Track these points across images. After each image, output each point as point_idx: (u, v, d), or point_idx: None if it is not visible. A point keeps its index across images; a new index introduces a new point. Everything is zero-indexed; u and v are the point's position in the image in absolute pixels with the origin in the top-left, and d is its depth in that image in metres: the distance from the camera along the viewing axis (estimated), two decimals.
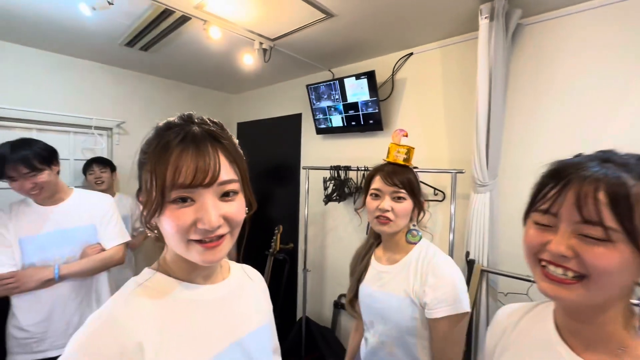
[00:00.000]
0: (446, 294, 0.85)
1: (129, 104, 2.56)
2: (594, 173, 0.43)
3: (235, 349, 0.55)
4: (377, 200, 0.94)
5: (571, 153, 1.59)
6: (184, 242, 0.48)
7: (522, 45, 1.53)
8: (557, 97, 1.44)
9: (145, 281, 0.52)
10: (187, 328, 0.50)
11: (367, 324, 1.01)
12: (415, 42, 1.88)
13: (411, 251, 0.95)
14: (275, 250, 2.33)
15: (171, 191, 0.46)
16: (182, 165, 0.46)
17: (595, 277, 0.42)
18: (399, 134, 1.01)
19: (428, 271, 0.89)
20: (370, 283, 1.00)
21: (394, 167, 0.96)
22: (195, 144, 0.47)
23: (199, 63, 2.34)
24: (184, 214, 0.47)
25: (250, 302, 0.63)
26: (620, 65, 1.29)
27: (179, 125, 0.50)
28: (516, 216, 1.55)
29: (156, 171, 0.46)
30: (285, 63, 2.26)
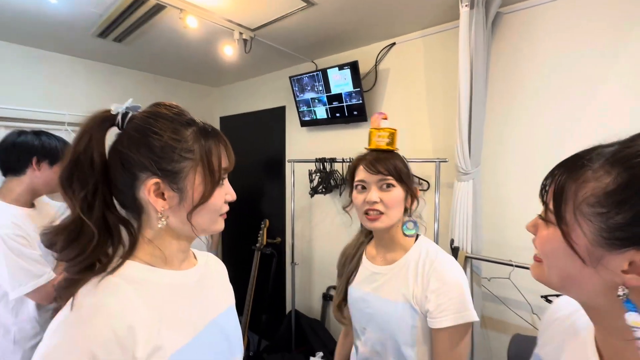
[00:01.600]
0: (451, 300, 0.75)
1: (104, 98, 2.45)
2: (566, 160, 0.45)
3: (213, 327, 0.60)
4: (363, 193, 0.85)
5: (549, 141, 1.63)
6: (216, 216, 0.58)
7: (501, 34, 1.55)
8: (536, 85, 1.47)
9: (121, 270, 0.51)
10: (170, 310, 0.53)
11: (358, 330, 0.92)
12: (398, 31, 1.87)
13: (410, 250, 0.86)
14: (262, 244, 2.31)
15: (224, 174, 0.58)
16: (225, 154, 0.58)
17: (543, 258, 0.46)
18: (378, 117, 0.92)
19: (431, 274, 0.79)
20: (362, 285, 0.91)
21: (377, 153, 0.87)
22: (220, 137, 0.58)
23: (177, 55, 2.26)
24: (220, 194, 0.58)
25: (217, 285, 0.70)
26: (594, 53, 1.33)
27: (187, 117, 0.57)
28: (498, 203, 1.59)
29: (211, 160, 0.55)
30: (267, 54, 2.21)
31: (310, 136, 2.45)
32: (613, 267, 0.38)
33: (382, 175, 0.82)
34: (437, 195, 1.64)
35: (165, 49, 2.14)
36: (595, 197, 0.38)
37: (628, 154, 0.37)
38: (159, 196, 0.52)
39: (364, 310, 0.89)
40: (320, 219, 2.41)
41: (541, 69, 1.45)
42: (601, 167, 0.38)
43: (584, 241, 0.39)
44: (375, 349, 0.86)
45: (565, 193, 0.41)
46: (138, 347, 0.46)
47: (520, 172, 1.53)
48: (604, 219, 0.37)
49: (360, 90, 1.95)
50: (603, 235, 0.38)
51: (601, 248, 0.38)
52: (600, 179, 0.38)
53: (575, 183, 0.40)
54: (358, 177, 0.87)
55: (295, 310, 2.34)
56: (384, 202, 0.82)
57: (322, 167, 2.09)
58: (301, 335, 2.29)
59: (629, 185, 0.36)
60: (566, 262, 0.42)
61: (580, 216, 0.39)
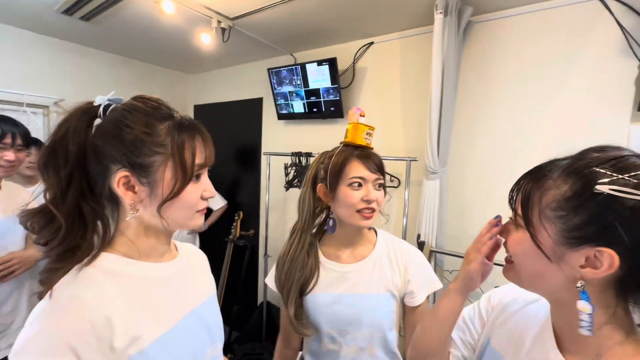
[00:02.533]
0: (424, 276, 0.87)
1: (68, 79, 2.31)
2: (532, 170, 0.51)
3: (193, 316, 0.61)
4: (359, 189, 0.81)
5: (510, 145, 1.74)
6: (192, 213, 0.57)
7: (472, 42, 1.64)
8: (502, 92, 1.58)
9: (99, 263, 0.52)
10: (149, 302, 0.54)
11: (334, 335, 0.87)
12: (376, 31, 1.91)
13: (377, 243, 0.90)
14: (235, 236, 2.31)
15: (194, 172, 0.55)
16: (202, 148, 0.57)
17: (512, 258, 0.51)
18: (356, 112, 0.87)
19: (407, 261, 0.87)
20: (331, 288, 0.86)
21: (365, 150, 0.85)
22: (199, 130, 0.57)
23: (150, 39, 2.17)
24: (195, 190, 0.57)
25: (198, 276, 0.70)
26: (553, 65, 1.44)
27: (164, 109, 0.56)
28: (461, 201, 1.70)
29: (183, 154, 0.53)
30: (246, 44, 2.18)
31: (287, 129, 2.46)
32: (573, 263, 0.44)
33: (379, 174, 0.83)
34: (407, 192, 1.72)
35: (138, 32, 2.05)
36: (556, 202, 0.44)
37: (580, 164, 0.43)
38: (129, 189, 0.53)
39: (343, 313, 0.85)
40: (294, 212, 2.43)
41: (507, 76, 1.56)
42: (559, 177, 0.45)
43: (549, 241, 0.45)
44: (360, 347, 0.86)
45: (531, 200, 0.47)
46: (116, 337, 0.47)
47: (482, 172, 1.64)
48: (564, 221, 0.43)
49: (337, 87, 1.98)
50: (564, 235, 0.43)
51: (563, 246, 0.44)
52: (560, 187, 0.44)
53: (539, 191, 0.46)
54: (354, 173, 0.81)
55: (266, 302, 2.37)
56: (378, 201, 0.83)
57: (298, 161, 2.11)
58: (272, 326, 2.33)
59: (582, 192, 0.42)
60: (534, 261, 0.47)
61: (544, 219, 0.45)
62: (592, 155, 0.44)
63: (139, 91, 0.58)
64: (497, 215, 0.60)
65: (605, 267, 0.41)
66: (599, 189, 0.40)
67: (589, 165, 0.42)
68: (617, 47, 1.32)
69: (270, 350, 2.08)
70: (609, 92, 1.34)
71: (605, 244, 0.40)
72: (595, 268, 0.42)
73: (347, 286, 0.86)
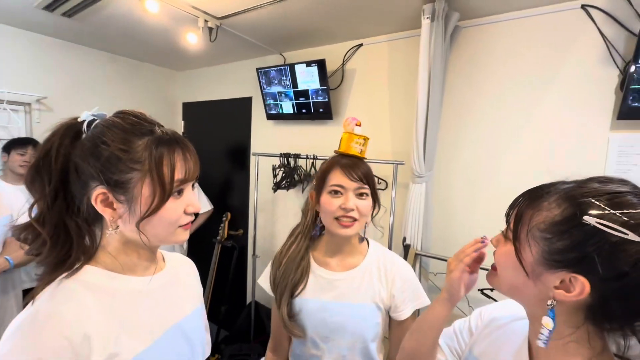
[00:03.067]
0: (412, 292, 0.87)
1: (51, 76, 2.25)
2: (530, 190, 0.52)
3: (174, 331, 0.61)
4: (337, 197, 0.82)
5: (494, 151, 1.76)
6: (174, 228, 0.57)
7: (458, 47, 1.65)
8: (487, 97, 1.59)
9: (81, 277, 0.53)
10: (130, 317, 0.54)
11: (318, 340, 0.87)
12: (365, 33, 1.91)
13: (367, 254, 0.90)
14: (222, 237, 2.30)
15: (174, 188, 0.54)
16: (181, 163, 0.55)
17: (498, 267, 0.55)
18: (351, 122, 0.90)
19: (395, 274, 0.87)
20: (319, 294, 0.87)
21: (352, 159, 0.85)
22: (181, 144, 0.56)
23: (136, 36, 2.13)
24: (179, 204, 0.56)
25: (185, 288, 0.69)
26: (540, 72, 1.46)
27: (143, 124, 0.55)
28: (446, 205, 1.72)
29: (161, 170, 0.52)
30: (234, 43, 2.16)
31: (276, 130, 2.45)
32: (548, 282, 0.46)
33: (361, 183, 0.82)
34: (394, 195, 1.73)
35: (122, 29, 2.01)
36: (544, 224, 0.45)
37: (577, 192, 0.44)
38: (107, 205, 0.53)
39: (328, 320, 0.86)
40: (283, 212, 2.44)
41: (492, 82, 1.57)
42: (555, 200, 0.46)
43: (530, 259, 0.47)
44: (342, 354, 0.86)
45: (523, 217, 0.49)
46: (93, 355, 0.47)
47: (468, 177, 1.66)
48: (548, 243, 0.45)
49: (326, 88, 1.98)
50: (545, 256, 0.45)
51: (541, 266, 0.46)
52: (552, 210, 0.45)
53: (532, 210, 0.48)
54: (334, 181, 0.83)
55: (255, 302, 2.38)
56: (359, 209, 0.82)
57: (286, 162, 2.10)
58: (260, 326, 2.33)
59: (570, 219, 0.43)
60: (514, 273, 0.50)
61: (531, 238, 0.47)
62: (593, 185, 0.44)
63: (126, 88, 0.58)
64: (484, 236, 0.63)
65: (576, 292, 0.43)
66: (586, 219, 0.41)
67: (586, 194, 0.43)
68: (599, 55, 1.34)
69: (258, 350, 2.09)
70: (590, 100, 1.36)
71: (581, 272, 0.42)
72: (568, 291, 0.44)
73: (335, 294, 0.87)
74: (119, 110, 0.56)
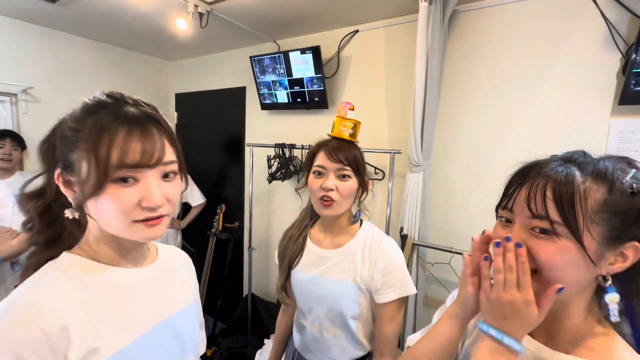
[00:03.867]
0: (395, 277, 0.86)
1: (37, 65, 2.18)
2: (547, 171, 0.46)
3: (163, 327, 0.58)
4: (320, 178, 0.87)
5: (493, 137, 1.74)
6: (128, 221, 0.49)
7: (457, 32, 1.60)
8: (486, 83, 1.55)
9: (65, 266, 0.51)
10: (114, 311, 0.52)
11: (304, 310, 0.96)
12: (361, 19, 1.85)
13: (357, 235, 0.92)
14: (217, 230, 2.27)
15: (116, 171, 0.47)
16: (127, 145, 0.47)
17: (545, 271, 0.46)
18: (345, 106, 0.92)
19: (378, 257, 0.88)
20: (309, 268, 0.94)
21: (339, 142, 0.89)
22: (139, 125, 0.49)
23: (124, 23, 2.05)
24: (127, 194, 0.48)
25: (178, 283, 0.66)
26: (540, 57, 1.42)
27: (112, 104, 0.50)
28: (444, 194, 1.70)
29: (97, 150, 0.46)
30: (227, 30, 2.09)
31: (271, 120, 2.40)
32: (607, 261, 0.45)
33: (341, 165, 0.85)
34: (391, 184, 1.70)
35: (110, 15, 1.93)
36: (598, 204, 0.44)
37: (603, 168, 0.45)
38: (67, 186, 0.51)
39: (312, 292, 0.93)
40: (279, 204, 2.41)
41: (491, 68, 1.53)
42: (589, 179, 0.45)
43: (594, 245, 0.44)
44: (323, 326, 0.92)
45: (574, 204, 0.43)
46: (71, 349, 0.45)
47: (466, 165, 1.63)
48: (607, 223, 0.44)
49: (322, 76, 1.93)
50: (607, 236, 0.44)
51: (603, 247, 0.45)
52: (597, 190, 0.44)
53: (578, 194, 0.44)
54: (317, 162, 0.88)
55: (251, 294, 2.36)
56: (339, 190, 0.85)
57: (281, 153, 2.06)
58: (257, 318, 2.32)
59: (622, 192, 0.44)
60: (577, 268, 0.45)
61: (589, 223, 0.44)
62: (605, 160, 0.47)
63: (115, 78, 0.55)
64: (483, 231, 0.54)
65: (631, 259, 0.45)
66: (636, 188, 0.43)
67: (613, 169, 0.45)
68: (600, 39, 1.30)
69: (254, 342, 2.08)
70: (591, 85, 1.33)
71: (637, 238, 0.44)
72: (625, 262, 0.45)
73: (321, 269, 0.92)
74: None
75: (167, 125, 0.54)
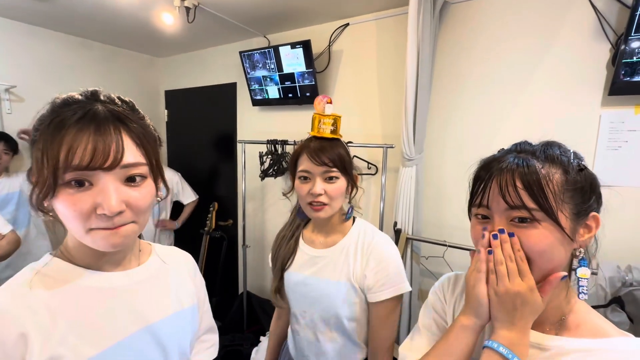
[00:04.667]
0: (389, 275, 0.82)
1: (20, 64, 2.12)
2: (509, 164, 0.49)
3: (144, 335, 0.54)
4: (307, 183, 0.82)
5: (484, 131, 1.73)
6: (84, 228, 0.46)
7: (448, 24, 1.59)
8: (477, 76, 1.55)
9: (42, 268, 0.49)
10: (87, 316, 0.49)
11: (299, 313, 0.92)
12: (352, 12, 1.83)
13: (349, 233, 0.89)
14: (210, 228, 2.25)
15: (65, 173, 0.43)
16: (77, 145, 0.43)
17: (534, 258, 0.47)
18: (321, 100, 0.85)
19: (370, 255, 0.84)
20: (301, 269, 0.91)
21: (320, 142, 0.83)
22: (95, 123, 0.45)
23: (109, 18, 2.00)
24: (80, 199, 0.44)
25: (169, 287, 0.62)
26: (530, 48, 1.42)
27: (79, 102, 0.47)
28: (437, 188, 1.69)
29: (48, 150, 0.43)
30: (215, 25, 2.05)
31: (262, 116, 2.37)
32: (579, 236, 0.49)
33: (326, 167, 0.81)
34: (384, 179, 1.70)
35: (94, 11, 1.88)
36: (561, 185, 0.47)
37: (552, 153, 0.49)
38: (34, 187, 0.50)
39: (305, 294, 0.89)
40: (272, 201, 2.39)
41: (482, 60, 1.53)
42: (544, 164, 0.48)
43: (567, 222, 0.47)
44: (318, 329, 0.89)
45: (543, 188, 0.46)
46: (30, 355, 0.43)
47: (459, 159, 1.63)
48: (573, 199, 0.47)
49: (312, 71, 1.90)
50: (575, 212, 0.48)
51: (574, 223, 0.48)
52: (553, 171, 0.48)
53: (544, 179, 0.47)
54: (301, 166, 0.83)
55: (247, 292, 2.35)
56: (328, 193, 0.81)
57: (273, 149, 2.04)
58: (253, 315, 2.31)
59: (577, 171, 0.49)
60: (558, 249, 0.47)
61: (560, 203, 0.47)
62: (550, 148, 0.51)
63: (103, 75, 0.52)
64: (483, 228, 0.51)
65: (595, 228, 0.49)
66: (584, 165, 0.49)
67: (560, 153, 0.50)
68: (590, 29, 1.30)
69: (250, 340, 2.07)
70: (582, 76, 1.33)
71: (596, 209, 0.49)
72: (590, 232, 0.49)
73: (314, 270, 0.89)
74: None
75: (139, 125, 0.50)
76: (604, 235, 0.52)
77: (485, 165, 0.54)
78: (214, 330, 0.74)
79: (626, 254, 1.25)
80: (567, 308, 0.51)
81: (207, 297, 0.74)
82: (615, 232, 1.29)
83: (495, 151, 0.58)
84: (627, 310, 1.15)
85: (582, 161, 0.50)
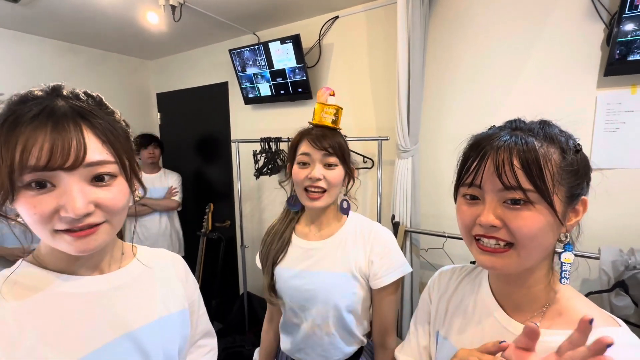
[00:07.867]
0: (392, 259, 0.84)
1: (5, 70, 2.08)
2: (506, 142, 0.46)
3: (123, 342, 0.51)
4: (305, 168, 0.82)
5: (480, 118, 1.71)
6: (49, 232, 0.43)
7: (438, 10, 1.56)
8: (470, 63, 1.52)
9: (11, 275, 0.47)
10: (57, 325, 0.46)
11: (295, 309, 0.90)
12: (340, 4, 1.80)
13: (345, 224, 0.89)
14: (207, 229, 2.22)
15: (22, 175, 0.41)
16: (32, 144, 0.40)
17: (523, 242, 0.45)
18: (325, 92, 0.88)
19: (374, 240, 0.85)
20: (295, 264, 0.89)
21: (322, 130, 0.85)
22: (53, 120, 0.42)
23: (94, 22, 1.96)
24: (41, 202, 0.42)
25: (154, 291, 0.59)
26: (523, 32, 1.39)
27: (38, 98, 0.44)
28: (434, 179, 1.67)
29: (2, 151, 0.41)
30: (203, 24, 2.02)
31: (255, 114, 2.34)
32: (567, 219, 0.47)
33: (326, 152, 0.81)
34: (380, 172, 1.67)
35: (77, 14, 1.84)
36: (558, 165, 0.45)
37: (550, 132, 0.47)
38: None
39: (301, 288, 0.87)
40: (269, 200, 2.36)
41: (475, 46, 1.50)
42: (542, 143, 0.45)
43: (561, 206, 0.45)
44: (316, 323, 0.87)
45: (543, 168, 0.43)
46: None
47: (454, 148, 1.60)
48: (568, 181, 0.45)
49: (304, 65, 1.87)
50: (568, 195, 0.46)
51: (566, 206, 0.46)
52: (551, 152, 0.45)
53: (543, 159, 0.44)
54: (301, 150, 0.84)
55: (247, 292, 2.33)
56: (327, 179, 0.81)
57: (267, 147, 2.01)
58: (254, 316, 2.29)
59: (573, 152, 0.46)
60: (549, 232, 0.45)
61: (557, 185, 0.45)
62: (542, 125, 0.49)
63: (92, 80, 0.48)
64: (502, 341, 0.44)
65: (582, 212, 0.48)
66: (580, 145, 0.47)
67: (557, 133, 0.47)
68: (583, 9, 1.27)
69: (252, 341, 2.05)
70: (576, 58, 1.31)
71: (586, 192, 0.48)
72: (577, 216, 0.48)
73: (309, 263, 0.87)
74: None
75: (106, 120, 0.47)
76: (605, 219, 0.51)
77: (477, 142, 0.50)
78: (211, 335, 0.72)
79: (627, 237, 1.23)
80: (551, 295, 0.49)
81: (201, 300, 0.71)
82: (615, 215, 1.28)
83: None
84: (631, 294, 1.13)
85: (577, 142, 0.48)
